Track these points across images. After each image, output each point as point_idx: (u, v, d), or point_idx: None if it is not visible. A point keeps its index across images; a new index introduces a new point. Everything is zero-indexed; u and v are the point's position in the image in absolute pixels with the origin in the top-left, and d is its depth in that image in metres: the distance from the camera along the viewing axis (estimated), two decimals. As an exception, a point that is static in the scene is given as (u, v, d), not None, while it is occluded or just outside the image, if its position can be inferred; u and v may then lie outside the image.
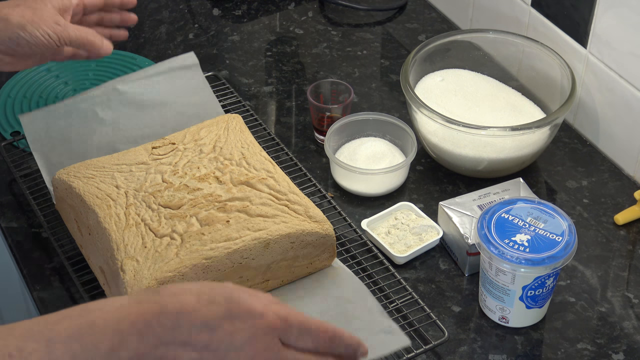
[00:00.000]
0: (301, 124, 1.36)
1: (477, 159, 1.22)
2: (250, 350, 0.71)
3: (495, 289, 1.04)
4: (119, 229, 1.02)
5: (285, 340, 0.74)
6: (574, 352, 1.05)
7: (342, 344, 0.76)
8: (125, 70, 1.44)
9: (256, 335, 0.72)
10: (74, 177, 1.09)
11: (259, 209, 1.05)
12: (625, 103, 1.24)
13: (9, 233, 1.19)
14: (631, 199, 1.23)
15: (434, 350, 1.04)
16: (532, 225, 1.02)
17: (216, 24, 1.57)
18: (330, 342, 0.75)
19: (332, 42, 1.52)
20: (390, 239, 1.16)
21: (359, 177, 1.22)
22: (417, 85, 1.32)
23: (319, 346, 0.75)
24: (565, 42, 1.31)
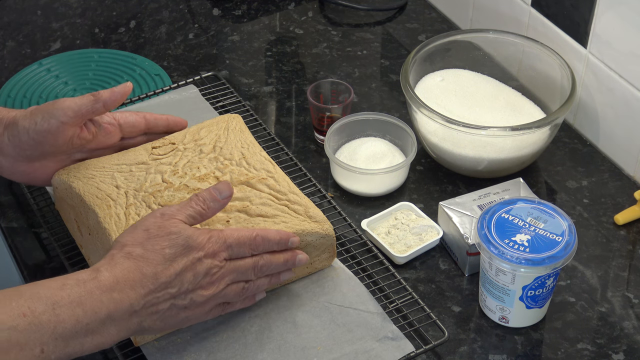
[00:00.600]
0: (301, 124, 1.36)
1: (477, 159, 1.22)
2: (207, 274, 0.93)
3: (495, 289, 1.04)
4: (119, 229, 1.02)
5: (229, 257, 0.95)
6: (574, 352, 1.05)
7: (273, 242, 0.98)
8: (125, 70, 1.44)
9: (207, 260, 0.93)
10: (74, 177, 1.09)
11: (259, 209, 1.05)
12: (625, 103, 1.24)
13: (9, 233, 1.19)
14: (631, 199, 1.23)
15: (434, 350, 1.04)
16: (532, 225, 1.02)
17: (216, 24, 1.57)
18: (263, 245, 0.97)
19: (332, 42, 1.52)
20: (390, 239, 1.16)
21: (359, 177, 1.22)
22: (417, 85, 1.32)
23: (254, 250, 0.97)
24: (565, 42, 1.31)
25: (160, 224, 0.93)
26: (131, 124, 1.13)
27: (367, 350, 1.00)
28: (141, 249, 0.91)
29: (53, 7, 1.60)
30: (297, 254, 1.01)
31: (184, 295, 0.93)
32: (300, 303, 1.05)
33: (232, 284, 0.97)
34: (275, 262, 0.99)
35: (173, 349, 1.00)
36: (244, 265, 0.97)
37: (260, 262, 0.98)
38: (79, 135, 1.08)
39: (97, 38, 1.53)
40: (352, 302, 1.05)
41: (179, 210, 0.95)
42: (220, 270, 0.95)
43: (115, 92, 1.07)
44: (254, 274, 0.98)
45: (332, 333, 1.01)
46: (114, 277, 0.89)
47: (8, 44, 1.52)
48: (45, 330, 0.84)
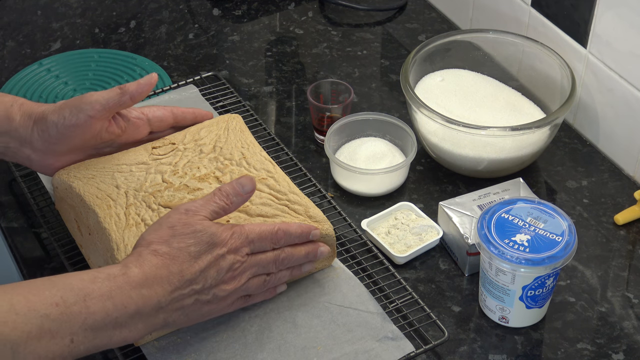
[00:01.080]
0: (301, 124, 1.36)
1: (477, 159, 1.22)
2: (229, 269, 0.95)
3: (495, 289, 1.04)
4: (119, 229, 1.02)
5: (250, 252, 0.97)
6: (574, 352, 1.05)
7: (294, 236, 1.00)
8: (125, 70, 1.44)
9: (229, 256, 0.95)
10: (74, 177, 1.09)
11: (259, 208, 1.05)
12: (625, 103, 1.24)
13: (9, 233, 1.19)
14: (631, 199, 1.23)
15: (434, 350, 1.04)
16: (532, 225, 1.02)
17: (216, 24, 1.57)
18: (285, 238, 0.99)
19: (332, 42, 1.52)
20: (390, 239, 1.16)
21: (359, 177, 1.22)
22: (417, 85, 1.32)
23: (275, 244, 0.99)
24: (565, 42, 1.31)
25: (185, 220, 0.94)
26: (159, 118, 1.14)
27: (367, 350, 1.00)
28: (167, 246, 0.92)
29: (53, 7, 1.60)
30: (319, 246, 1.03)
31: (207, 291, 0.94)
32: (300, 303, 1.05)
33: (254, 277, 0.98)
34: (296, 255, 1.01)
35: (173, 349, 1.00)
36: (266, 259, 0.98)
37: (281, 256, 0.99)
38: (107, 130, 1.09)
39: (97, 38, 1.53)
40: (352, 302, 1.05)
41: (202, 205, 0.96)
42: (242, 265, 0.96)
43: (142, 84, 1.08)
44: (275, 267, 1.00)
45: (332, 333, 1.01)
46: (143, 274, 0.90)
47: (8, 44, 1.52)
48: (76, 321, 0.85)
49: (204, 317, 0.97)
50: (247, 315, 1.04)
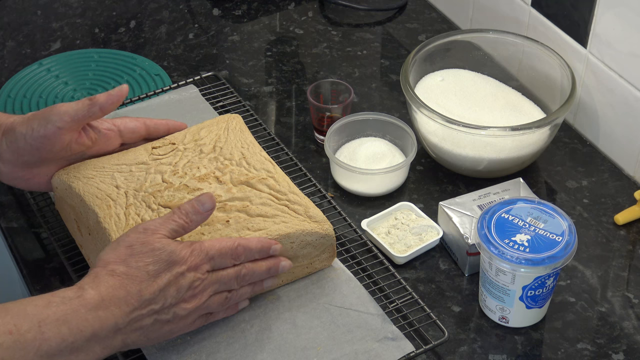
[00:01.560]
0: (301, 124, 1.36)
1: (477, 159, 1.22)
2: (190, 287, 0.94)
3: (495, 289, 1.04)
4: (119, 229, 1.02)
5: (211, 268, 0.95)
6: (574, 352, 1.05)
7: (254, 251, 0.98)
8: (125, 70, 1.44)
9: (190, 274, 0.93)
10: (74, 177, 1.09)
11: (259, 209, 1.05)
12: (625, 103, 1.24)
13: (9, 233, 1.19)
14: (631, 199, 1.23)
15: (434, 350, 1.04)
16: (532, 225, 1.02)
17: (216, 24, 1.57)
18: (245, 254, 0.97)
19: (332, 42, 1.52)
20: (390, 239, 1.16)
21: (359, 177, 1.22)
22: (417, 85, 1.32)
23: (236, 260, 0.97)
24: (565, 42, 1.31)
25: (143, 239, 0.92)
26: (131, 130, 1.13)
27: (367, 351, 1.00)
28: (124, 266, 0.91)
29: (53, 7, 1.60)
30: (280, 260, 1.01)
31: (167, 310, 0.93)
32: (300, 304, 1.05)
33: (215, 294, 0.97)
34: (258, 271, 0.99)
35: (173, 349, 1.00)
36: (227, 275, 0.97)
37: (242, 272, 0.98)
38: (77, 141, 1.07)
39: (97, 38, 1.53)
40: (353, 304, 1.05)
41: (161, 224, 0.94)
42: (203, 283, 0.95)
43: (112, 95, 1.06)
44: (236, 284, 0.98)
45: (332, 334, 1.01)
46: (99, 295, 0.89)
47: (8, 44, 1.52)
48: (30, 348, 0.84)
49: (165, 337, 0.95)
50: (247, 315, 1.04)
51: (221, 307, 0.98)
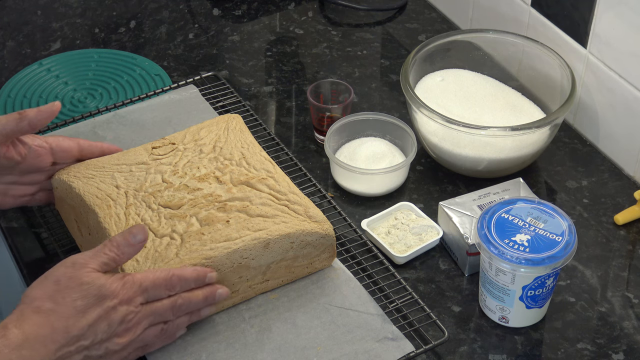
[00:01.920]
0: (301, 124, 1.36)
1: (477, 159, 1.22)
2: (122, 321, 0.91)
3: (495, 289, 1.04)
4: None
5: (145, 300, 0.93)
6: (574, 352, 1.05)
7: (190, 280, 0.96)
8: (125, 70, 1.44)
9: (122, 308, 0.91)
10: (74, 177, 1.09)
11: (259, 209, 1.05)
12: (625, 103, 1.24)
13: (9, 233, 1.19)
14: (631, 199, 1.23)
15: (434, 350, 1.04)
16: (532, 225, 1.02)
17: (216, 24, 1.57)
18: (180, 284, 0.95)
19: (332, 42, 1.52)
20: (390, 239, 1.16)
21: (359, 177, 1.22)
22: (417, 85, 1.32)
23: (171, 291, 0.95)
24: (565, 42, 1.31)
25: (71, 274, 0.90)
26: (63, 149, 1.10)
27: (367, 350, 1.00)
28: (51, 302, 0.88)
29: (53, 7, 1.60)
30: (217, 289, 0.99)
31: (98, 346, 0.91)
32: (300, 304, 1.05)
33: (150, 326, 0.95)
34: (194, 300, 0.97)
35: (173, 349, 1.00)
36: (162, 307, 0.95)
37: (178, 302, 0.96)
38: (4, 155, 1.05)
39: (97, 38, 1.53)
40: (353, 304, 1.05)
41: (91, 257, 0.92)
42: (136, 316, 0.93)
43: (42, 111, 1.05)
44: (172, 314, 0.96)
45: (332, 334, 1.01)
46: (22, 334, 0.86)
47: (8, 44, 1.52)
48: None
49: None
50: (247, 315, 1.04)
51: (157, 339, 0.96)
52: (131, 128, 1.27)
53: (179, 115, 1.29)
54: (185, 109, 1.31)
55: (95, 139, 1.25)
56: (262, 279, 1.05)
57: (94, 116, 1.30)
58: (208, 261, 0.99)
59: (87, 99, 1.40)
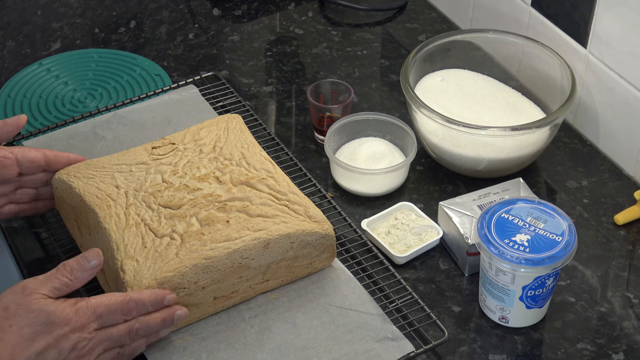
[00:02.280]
0: (301, 124, 1.36)
1: (477, 159, 1.22)
2: (74, 348, 0.89)
3: (495, 289, 1.04)
4: (119, 229, 1.02)
5: (99, 326, 0.91)
6: (574, 352, 1.05)
7: (147, 304, 0.94)
8: (125, 70, 1.44)
9: (73, 335, 0.89)
10: (74, 177, 1.09)
11: (259, 209, 1.05)
12: (625, 103, 1.24)
13: (9, 233, 1.19)
14: (631, 199, 1.23)
15: (434, 350, 1.04)
16: (532, 225, 1.02)
17: (216, 24, 1.57)
18: (137, 309, 0.93)
19: (332, 42, 1.52)
20: (390, 239, 1.16)
21: (359, 177, 1.22)
22: (417, 85, 1.32)
23: (127, 316, 0.92)
24: (565, 42, 1.31)
25: (19, 301, 0.88)
26: (30, 160, 1.09)
27: (367, 350, 1.00)
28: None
29: (53, 7, 1.60)
30: (175, 310, 0.97)
31: None
32: (300, 304, 1.05)
33: (105, 352, 0.93)
34: (152, 323, 0.95)
35: (173, 349, 1.00)
36: (118, 332, 0.92)
37: (135, 326, 0.94)
38: None
39: (97, 38, 1.53)
40: (353, 304, 1.05)
41: (42, 282, 0.90)
42: (90, 343, 0.90)
43: (8, 123, 1.04)
44: (129, 339, 0.94)
45: (332, 334, 1.01)
46: None
47: (8, 44, 1.52)
48: None
49: None
50: (247, 315, 1.04)
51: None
52: (131, 128, 1.27)
53: (179, 115, 1.29)
54: (185, 109, 1.31)
55: (95, 139, 1.25)
56: (262, 279, 1.05)
57: (94, 116, 1.30)
58: (208, 261, 0.99)
59: (87, 99, 1.40)
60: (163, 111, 1.30)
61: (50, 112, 1.37)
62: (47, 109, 1.37)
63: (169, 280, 0.98)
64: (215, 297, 1.02)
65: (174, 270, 0.98)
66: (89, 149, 1.24)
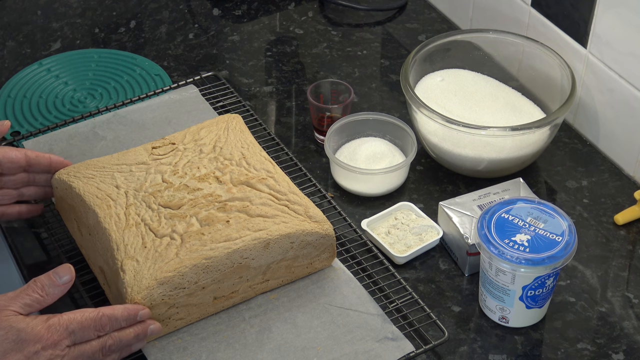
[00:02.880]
0: (301, 124, 1.36)
1: (477, 159, 1.22)
2: None
3: (495, 289, 1.04)
4: (119, 229, 1.02)
5: (72, 343, 0.89)
6: (574, 352, 1.05)
7: (120, 319, 0.92)
8: (125, 70, 1.44)
9: (45, 352, 0.87)
10: (74, 177, 1.09)
11: (259, 209, 1.05)
12: (625, 103, 1.24)
13: (9, 233, 1.19)
14: (631, 199, 1.23)
15: (434, 350, 1.04)
16: (532, 225, 1.02)
17: (216, 24, 1.57)
18: (110, 324, 0.91)
19: (332, 42, 1.52)
20: (390, 239, 1.16)
21: (359, 177, 1.22)
22: (417, 85, 1.32)
23: (100, 332, 0.91)
24: (565, 42, 1.31)
25: None
26: (10, 159, 1.09)
27: (367, 350, 1.00)
28: None
29: (53, 7, 1.60)
30: (149, 325, 0.96)
31: None
32: (300, 304, 1.05)
33: None
34: (125, 339, 0.94)
35: (173, 349, 1.00)
36: (91, 349, 0.91)
37: (108, 342, 0.92)
38: None
39: (97, 38, 1.53)
40: (353, 304, 1.05)
41: (12, 299, 0.88)
42: (62, 359, 0.89)
43: None
44: (101, 355, 0.92)
45: (332, 334, 1.02)
46: None
47: (8, 44, 1.52)
48: None
49: None
50: (247, 315, 1.04)
51: None
52: (131, 128, 1.27)
53: (179, 115, 1.29)
54: (185, 109, 1.31)
55: (95, 139, 1.25)
56: (262, 279, 1.05)
57: (94, 116, 1.30)
58: (208, 261, 0.99)
59: (87, 99, 1.40)
60: (163, 111, 1.30)
61: (50, 112, 1.37)
62: (47, 109, 1.37)
63: (169, 280, 0.98)
64: (215, 297, 1.02)
65: (174, 270, 0.98)
66: (89, 149, 1.24)
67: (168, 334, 1.01)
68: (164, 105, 1.31)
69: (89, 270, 1.10)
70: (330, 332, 1.02)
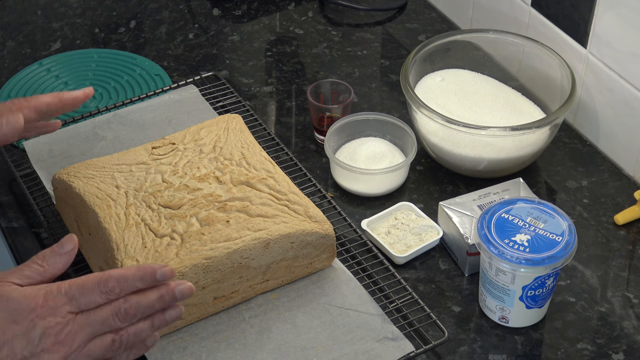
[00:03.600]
0: (301, 124, 1.36)
1: (477, 159, 1.22)
2: (45, 334, 0.80)
3: (495, 289, 1.04)
4: (119, 229, 1.02)
5: (76, 309, 0.81)
6: (574, 352, 1.05)
7: (134, 279, 0.81)
8: (125, 70, 1.44)
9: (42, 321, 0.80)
10: (74, 177, 1.09)
11: (259, 209, 1.05)
12: (625, 103, 1.24)
13: (9, 233, 1.19)
14: (631, 199, 1.23)
15: (434, 350, 1.04)
16: (532, 225, 1.02)
17: (216, 24, 1.57)
18: (120, 286, 0.81)
19: (332, 42, 1.52)
20: (390, 239, 1.16)
21: (359, 177, 1.22)
22: (417, 85, 1.32)
23: (109, 295, 0.81)
24: (565, 42, 1.31)
25: None
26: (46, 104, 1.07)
27: (367, 351, 1.00)
28: None
29: (53, 7, 1.60)
30: (177, 285, 0.83)
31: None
32: (300, 304, 1.05)
33: (95, 338, 0.81)
34: (145, 302, 0.82)
35: (173, 349, 1.00)
36: (101, 314, 0.81)
37: (124, 307, 0.81)
38: None
39: (97, 38, 1.53)
40: (353, 304, 1.05)
41: (13, 272, 0.84)
42: (66, 327, 0.80)
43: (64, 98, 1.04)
44: (119, 321, 0.81)
45: (332, 334, 1.02)
46: None
47: (8, 44, 1.52)
48: None
49: None
50: (247, 315, 1.04)
51: (112, 351, 0.82)
52: (131, 128, 1.27)
53: (179, 115, 1.29)
54: (185, 109, 1.31)
55: (95, 139, 1.25)
56: (262, 279, 1.05)
57: (94, 116, 1.30)
58: (208, 261, 0.99)
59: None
60: (163, 111, 1.30)
61: (50, 112, 1.37)
62: (47, 109, 1.37)
63: (169, 280, 0.97)
64: (216, 297, 1.02)
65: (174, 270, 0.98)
66: (89, 149, 1.24)
67: (168, 334, 1.01)
68: (164, 105, 1.31)
69: (89, 271, 1.10)
70: (330, 332, 1.02)
